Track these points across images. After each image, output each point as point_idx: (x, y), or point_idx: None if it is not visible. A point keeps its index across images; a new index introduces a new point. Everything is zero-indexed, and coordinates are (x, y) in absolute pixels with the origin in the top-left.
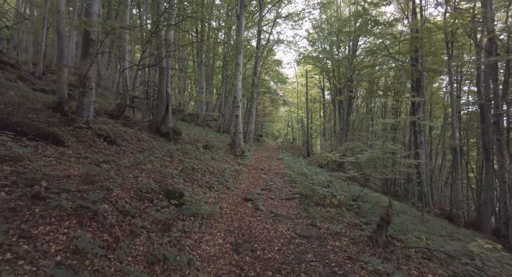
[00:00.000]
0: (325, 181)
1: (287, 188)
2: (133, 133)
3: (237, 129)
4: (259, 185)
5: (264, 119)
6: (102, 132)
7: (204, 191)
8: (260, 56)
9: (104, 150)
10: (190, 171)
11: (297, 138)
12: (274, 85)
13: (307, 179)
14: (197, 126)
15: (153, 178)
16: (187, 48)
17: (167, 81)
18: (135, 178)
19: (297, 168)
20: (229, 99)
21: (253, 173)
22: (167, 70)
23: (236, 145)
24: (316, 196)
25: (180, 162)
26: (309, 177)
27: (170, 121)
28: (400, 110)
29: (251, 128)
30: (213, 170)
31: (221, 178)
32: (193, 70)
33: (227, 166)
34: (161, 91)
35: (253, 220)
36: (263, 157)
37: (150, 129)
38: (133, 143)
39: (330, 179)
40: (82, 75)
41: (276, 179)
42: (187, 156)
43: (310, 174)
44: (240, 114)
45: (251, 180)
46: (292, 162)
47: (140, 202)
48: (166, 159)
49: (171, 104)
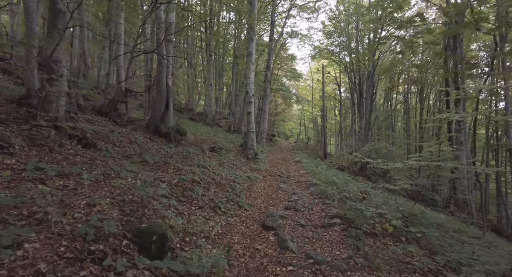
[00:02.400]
0: (358, 191)
1: (318, 205)
2: (124, 134)
3: (249, 128)
4: (279, 200)
5: (276, 118)
6: (76, 133)
7: (206, 215)
8: (273, 49)
9: (72, 157)
10: (188, 185)
11: (311, 137)
12: (287, 81)
13: (338, 190)
14: (205, 125)
15: (120, 206)
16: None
17: (168, 71)
18: (88, 207)
19: (322, 174)
20: (240, 96)
21: (269, 182)
22: (167, 58)
23: (248, 147)
24: (361, 219)
25: (176, 172)
26: (339, 186)
27: (171, 119)
28: (429, 107)
29: (263, 127)
30: (220, 180)
31: (230, 193)
32: (202, 67)
33: (238, 173)
34: (160, 84)
35: (281, 273)
36: (278, 159)
37: (147, 129)
38: (121, 146)
39: (364, 189)
40: (47, 57)
41: (299, 190)
42: (187, 163)
43: (340, 183)
44: (252, 111)
45: (268, 192)
46: (313, 166)
47: (71, 268)
48: (158, 167)
49: (172, 99)
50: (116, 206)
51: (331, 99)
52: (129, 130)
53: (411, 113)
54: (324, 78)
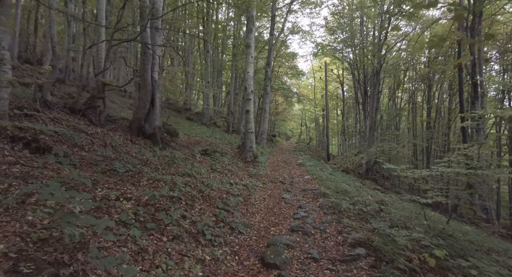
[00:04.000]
0: (373, 201)
1: (332, 225)
2: (99, 135)
3: (247, 128)
4: (283, 216)
5: (277, 117)
6: (23, 134)
7: (184, 249)
8: (274, 45)
9: (5, 167)
10: (164, 203)
11: (313, 138)
12: (288, 80)
13: (352, 201)
14: (202, 125)
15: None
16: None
17: (153, 63)
18: None
19: (330, 180)
20: (239, 96)
21: (270, 190)
22: (153, 48)
23: (246, 149)
24: (392, 248)
25: (151, 184)
26: (351, 195)
27: (157, 118)
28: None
29: (264, 127)
30: (209, 192)
31: (221, 210)
32: (200, 65)
33: (234, 181)
34: (144, 77)
35: None
36: (280, 162)
37: (130, 129)
38: (90, 151)
39: (381, 198)
40: None
41: (306, 201)
42: (170, 170)
43: (351, 191)
44: (251, 109)
45: (269, 205)
46: (318, 169)
47: None
48: (129, 178)
49: (159, 95)
50: (12, 259)
51: (333, 98)
52: (107, 131)
53: (417, 112)
54: (327, 76)
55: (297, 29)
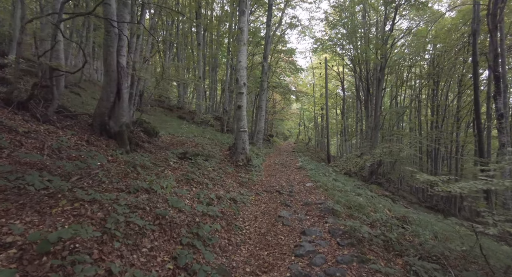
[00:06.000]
0: (393, 216)
1: (353, 268)
2: (40, 134)
3: (239, 126)
4: (279, 250)
5: (275, 116)
6: None
7: None
8: (271, 37)
9: None
10: (74, 251)
11: (312, 138)
12: (286, 78)
13: (370, 219)
14: (194, 124)
15: None
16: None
17: (120, 46)
18: None
19: (338, 191)
20: (235, 94)
21: (264, 204)
22: (119, 26)
23: (238, 150)
24: None
25: (69, 212)
26: (366, 211)
27: (125, 112)
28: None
29: (260, 126)
30: (173, 218)
31: (186, 248)
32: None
33: (217, 194)
34: (108, 63)
35: None
36: (277, 165)
37: (91, 127)
38: (11, 156)
39: (403, 214)
40: None
41: (310, 223)
42: (120, 185)
43: (365, 204)
44: (244, 104)
45: (261, 230)
46: (321, 174)
47: None
48: (37, 203)
49: (127, 84)
50: None
51: (332, 97)
52: (56, 129)
53: (421, 111)
54: (327, 73)
55: (296, 23)
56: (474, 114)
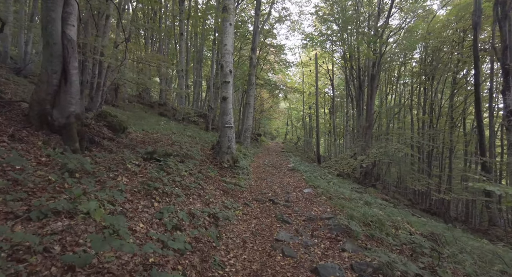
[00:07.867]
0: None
1: None
2: None
3: (224, 121)
4: None
5: (262, 115)
6: None
7: None
8: (259, 27)
9: None
10: None
11: (300, 137)
12: (274, 76)
13: (396, 242)
14: (174, 121)
15: None
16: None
17: (67, 12)
18: None
19: (345, 200)
20: (219, 82)
21: (255, 220)
22: None
23: (223, 150)
24: None
25: None
26: (387, 229)
27: (75, 101)
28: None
29: (248, 124)
30: (103, 264)
31: None
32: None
33: (190, 210)
34: (48, 32)
35: None
36: (267, 166)
37: (27, 118)
38: None
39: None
40: None
41: (321, 251)
42: (31, 201)
43: (384, 218)
44: (230, 96)
45: (252, 265)
46: (318, 176)
47: None
48: None
49: (76, 64)
50: None
51: (321, 96)
52: None
53: (413, 110)
54: (317, 69)
55: (284, 14)
56: (475, 112)
